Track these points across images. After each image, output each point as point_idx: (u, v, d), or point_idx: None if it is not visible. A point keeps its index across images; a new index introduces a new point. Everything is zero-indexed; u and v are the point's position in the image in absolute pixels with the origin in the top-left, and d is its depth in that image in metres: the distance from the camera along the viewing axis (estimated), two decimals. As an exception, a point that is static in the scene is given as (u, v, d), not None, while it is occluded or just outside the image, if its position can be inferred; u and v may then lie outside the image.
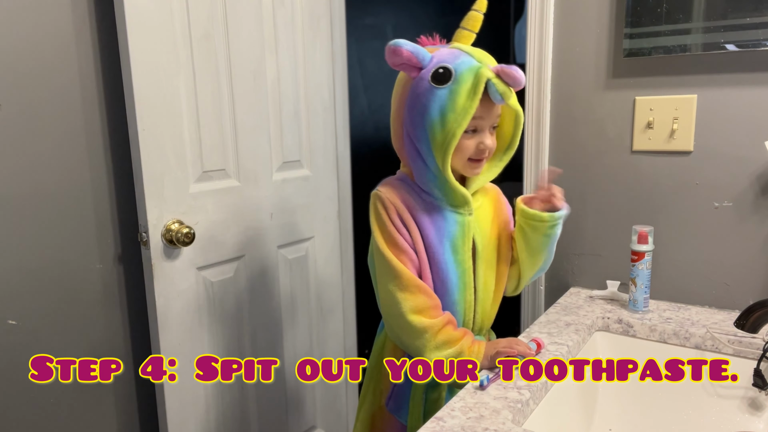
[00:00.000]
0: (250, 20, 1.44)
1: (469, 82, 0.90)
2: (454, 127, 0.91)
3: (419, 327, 0.94)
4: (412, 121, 0.95)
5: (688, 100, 1.21)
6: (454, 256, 1.00)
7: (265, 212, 1.55)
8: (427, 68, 0.93)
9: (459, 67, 0.91)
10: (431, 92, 0.91)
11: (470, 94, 0.90)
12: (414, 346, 0.97)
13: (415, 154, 0.97)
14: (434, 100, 0.91)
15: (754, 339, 1.06)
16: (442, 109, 0.91)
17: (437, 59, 0.93)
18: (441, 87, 0.90)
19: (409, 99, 0.95)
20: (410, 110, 0.95)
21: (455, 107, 0.90)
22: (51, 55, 1.17)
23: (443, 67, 0.91)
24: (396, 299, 0.96)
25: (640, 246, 1.19)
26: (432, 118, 0.91)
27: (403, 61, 0.93)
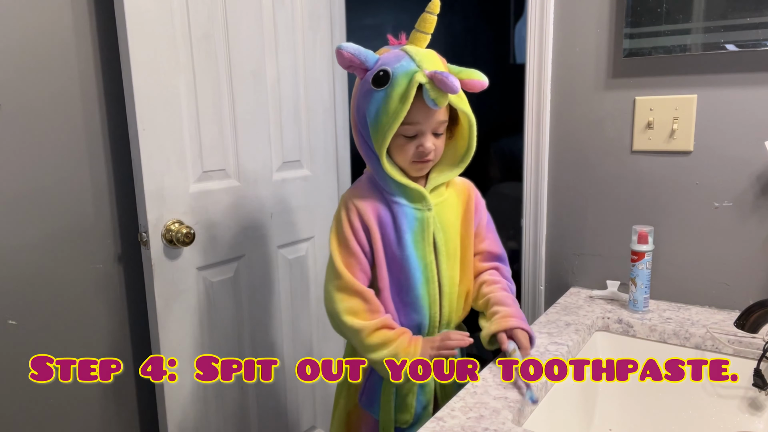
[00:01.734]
0: (250, 20, 1.44)
1: (402, 86, 0.91)
2: (386, 129, 0.94)
3: (353, 328, 0.99)
4: (359, 121, 0.99)
5: (688, 100, 1.21)
6: (415, 251, 1.02)
7: (265, 212, 1.55)
8: (371, 70, 0.95)
9: (396, 70, 0.93)
10: (370, 94, 0.95)
11: (402, 98, 0.91)
12: (353, 344, 1.04)
13: (370, 152, 1.00)
14: (372, 102, 0.94)
15: (754, 339, 1.06)
16: (377, 112, 0.94)
17: (381, 62, 0.95)
18: (378, 90, 0.93)
19: (355, 99, 0.99)
20: (357, 111, 0.99)
21: (387, 110, 0.93)
22: (51, 55, 1.17)
23: (383, 70, 0.94)
24: (333, 298, 1.00)
25: (640, 246, 1.19)
26: (370, 119, 0.96)
27: (347, 63, 0.96)
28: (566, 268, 1.40)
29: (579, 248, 1.38)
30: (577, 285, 1.40)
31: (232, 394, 1.50)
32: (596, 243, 1.36)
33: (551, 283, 1.43)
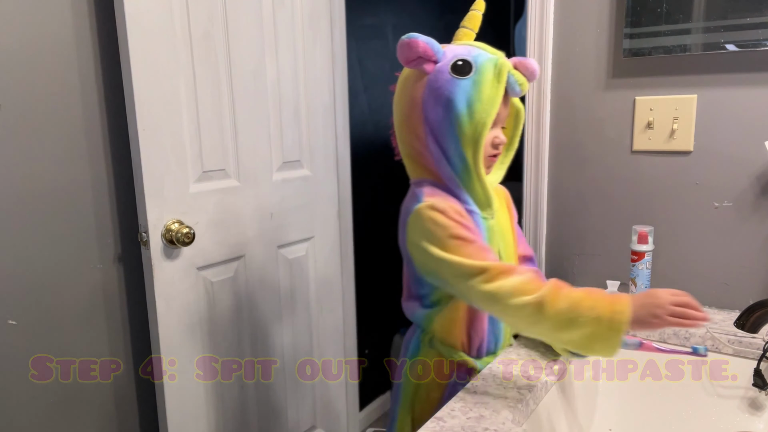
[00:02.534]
0: (250, 20, 1.44)
1: (490, 72, 0.88)
2: (483, 116, 0.87)
3: (529, 305, 0.81)
4: (436, 117, 0.90)
5: (688, 100, 1.21)
6: None
7: (265, 212, 1.55)
8: (442, 62, 0.89)
9: (477, 59, 0.89)
10: (454, 84, 0.88)
11: (494, 83, 0.88)
12: (539, 328, 0.83)
13: (440, 154, 0.92)
14: (458, 92, 0.87)
15: (754, 339, 1.06)
16: (469, 100, 0.87)
17: (451, 53, 0.90)
18: (464, 78, 0.87)
19: (427, 95, 0.90)
20: (432, 106, 0.90)
21: (482, 97, 0.87)
22: (51, 55, 1.17)
23: (462, 59, 0.89)
24: (492, 295, 0.83)
25: (640, 246, 1.19)
26: (459, 110, 0.87)
27: (418, 54, 0.88)
28: (566, 269, 1.40)
29: (579, 248, 1.38)
30: (577, 285, 1.39)
31: (232, 394, 1.50)
32: (596, 243, 1.36)
33: (551, 283, 1.43)
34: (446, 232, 0.87)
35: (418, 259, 0.92)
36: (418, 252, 0.90)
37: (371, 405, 2.47)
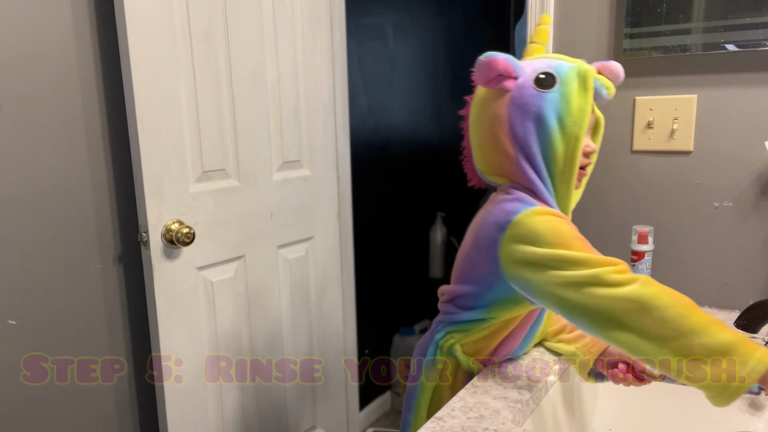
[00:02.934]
0: (250, 20, 1.44)
1: (575, 81, 0.85)
2: (575, 129, 0.83)
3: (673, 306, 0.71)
4: (525, 134, 0.85)
5: (688, 100, 1.21)
6: None
7: (265, 212, 1.55)
8: (523, 77, 0.86)
9: (559, 69, 0.86)
10: (541, 98, 0.84)
11: (581, 92, 0.84)
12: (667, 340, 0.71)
13: (532, 170, 0.87)
14: (547, 106, 0.84)
15: (754, 339, 1.06)
16: (559, 114, 0.84)
17: (530, 68, 0.87)
18: (549, 91, 0.84)
19: (513, 111, 0.86)
20: (520, 122, 0.86)
21: (571, 109, 0.84)
22: (51, 55, 1.17)
23: (543, 72, 0.85)
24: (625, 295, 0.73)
25: (640, 246, 1.19)
26: (550, 124, 0.84)
27: (498, 72, 0.84)
28: (566, 268, 1.40)
29: (579, 248, 1.38)
30: (577, 285, 1.40)
31: (232, 394, 1.50)
32: (596, 243, 1.36)
33: (551, 283, 1.43)
34: (573, 233, 0.81)
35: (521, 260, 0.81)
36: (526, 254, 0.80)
37: (371, 405, 2.47)
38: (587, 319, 0.76)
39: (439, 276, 2.76)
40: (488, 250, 0.85)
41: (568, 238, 0.79)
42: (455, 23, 2.73)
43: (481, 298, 0.90)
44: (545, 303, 0.81)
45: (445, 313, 0.97)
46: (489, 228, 0.86)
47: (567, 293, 0.77)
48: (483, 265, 0.87)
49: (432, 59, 2.65)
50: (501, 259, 0.84)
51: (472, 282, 0.91)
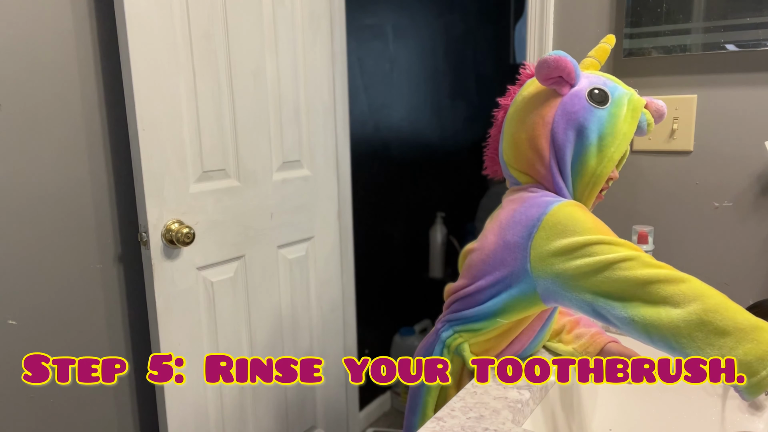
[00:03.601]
0: (250, 20, 1.44)
1: (625, 106, 0.86)
2: (612, 151, 0.85)
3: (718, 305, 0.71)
4: (564, 142, 0.87)
5: (688, 100, 1.21)
6: None
7: (265, 212, 1.55)
8: (578, 86, 0.88)
9: (613, 90, 0.87)
10: (590, 112, 0.85)
11: (629, 119, 0.86)
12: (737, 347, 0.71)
13: (560, 177, 0.89)
14: (593, 121, 0.85)
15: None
16: (601, 132, 0.85)
17: (586, 79, 0.88)
18: (600, 108, 0.86)
19: (560, 117, 0.87)
20: (563, 129, 0.87)
21: (615, 131, 0.85)
22: (51, 55, 1.17)
23: (598, 88, 0.87)
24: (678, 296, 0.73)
25: (640, 246, 1.19)
26: (590, 139, 0.85)
27: (560, 74, 0.85)
28: (566, 268, 1.40)
29: (579, 248, 1.38)
30: (577, 285, 1.40)
31: (233, 394, 1.50)
32: (596, 243, 1.36)
33: (551, 283, 1.43)
34: (600, 225, 0.82)
35: (557, 250, 0.81)
36: (562, 244, 0.80)
37: (371, 405, 2.47)
38: (616, 299, 0.76)
39: (439, 276, 2.76)
40: (518, 246, 0.84)
41: (602, 227, 0.81)
42: (455, 23, 2.73)
43: (496, 296, 0.89)
44: (574, 296, 0.80)
45: (452, 312, 0.96)
46: (520, 223, 0.85)
47: (601, 276, 0.76)
48: (509, 261, 0.86)
49: (432, 59, 2.65)
50: (531, 254, 0.83)
51: (489, 280, 0.89)
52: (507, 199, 0.93)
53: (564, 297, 0.81)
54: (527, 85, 0.93)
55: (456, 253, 2.87)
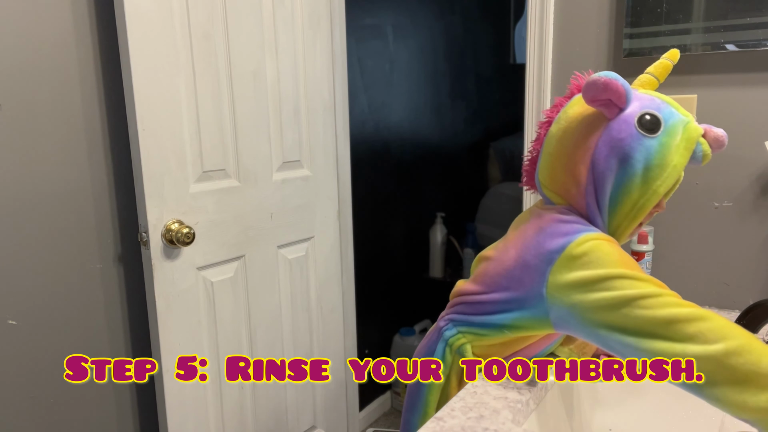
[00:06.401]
0: (250, 20, 1.44)
1: (679, 135, 0.79)
2: (658, 185, 0.79)
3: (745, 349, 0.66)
4: (606, 170, 0.81)
5: (688, 100, 1.21)
6: None
7: (265, 212, 1.55)
8: (628, 110, 0.81)
9: (668, 117, 0.80)
10: (638, 141, 0.79)
11: (682, 150, 0.79)
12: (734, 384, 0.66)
13: (596, 206, 0.83)
14: (640, 151, 0.78)
15: (754, 339, 1.06)
16: (648, 162, 0.78)
17: (640, 103, 0.81)
18: (650, 136, 0.79)
19: (604, 142, 0.81)
20: (606, 156, 0.80)
21: (664, 162, 0.78)
22: (51, 55, 1.17)
23: (650, 113, 0.80)
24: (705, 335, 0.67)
25: (640, 246, 1.19)
26: (635, 169, 0.79)
27: (611, 97, 0.79)
28: (566, 268, 1.40)
29: (579, 248, 1.38)
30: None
31: (232, 394, 1.50)
32: (596, 243, 1.36)
33: (551, 283, 1.43)
34: (627, 259, 0.76)
35: (574, 282, 0.76)
36: (580, 275, 0.76)
37: (371, 405, 2.47)
38: (631, 334, 0.71)
39: (439, 276, 2.76)
40: (536, 270, 0.80)
41: (629, 262, 0.75)
42: (455, 23, 2.73)
43: (507, 311, 0.85)
44: (588, 329, 0.76)
45: (458, 313, 0.93)
46: (543, 247, 0.81)
47: (619, 312, 0.72)
48: (525, 282, 0.82)
49: (432, 59, 2.65)
50: (549, 280, 0.79)
51: (504, 296, 0.86)
52: (537, 211, 0.88)
53: (576, 328, 0.78)
54: (573, 102, 0.87)
55: (456, 253, 2.87)
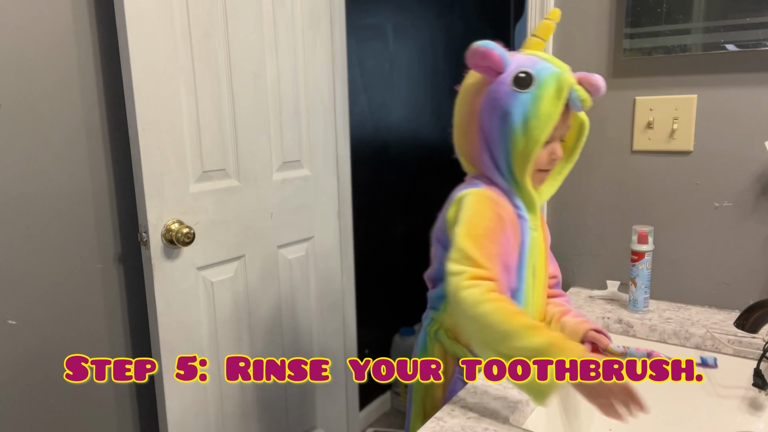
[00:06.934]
0: (250, 20, 1.44)
1: (552, 87, 0.86)
2: (537, 134, 0.86)
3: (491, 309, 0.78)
4: (491, 125, 0.90)
5: (688, 100, 1.21)
6: (525, 273, 0.94)
7: (265, 212, 1.55)
8: (506, 72, 0.88)
9: (540, 72, 0.87)
10: (513, 97, 0.87)
11: (554, 99, 0.86)
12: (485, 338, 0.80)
13: (491, 163, 0.92)
14: (516, 106, 0.87)
15: (754, 339, 1.06)
16: (525, 115, 0.86)
17: (516, 64, 0.89)
18: (523, 92, 0.86)
19: (486, 104, 0.90)
20: (489, 116, 0.90)
21: (539, 113, 0.86)
22: (51, 55, 1.17)
23: (524, 71, 0.87)
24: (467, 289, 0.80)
25: (640, 246, 1.19)
26: (514, 124, 0.87)
27: (489, 63, 0.87)
28: (566, 268, 1.40)
29: (579, 248, 1.38)
30: (577, 285, 1.40)
31: (233, 394, 1.50)
32: (596, 243, 1.36)
33: (551, 283, 1.43)
34: (488, 226, 0.87)
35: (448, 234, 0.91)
36: (450, 227, 0.90)
37: (371, 405, 2.47)
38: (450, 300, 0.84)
39: (439, 276, 2.75)
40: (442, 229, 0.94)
41: (478, 223, 0.86)
42: (455, 23, 2.73)
43: (441, 279, 0.94)
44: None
45: (431, 298, 1.02)
46: (448, 202, 0.94)
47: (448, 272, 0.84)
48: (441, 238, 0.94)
49: (432, 59, 2.65)
50: (447, 225, 0.92)
51: (436, 260, 0.97)
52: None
53: None
54: (469, 74, 0.95)
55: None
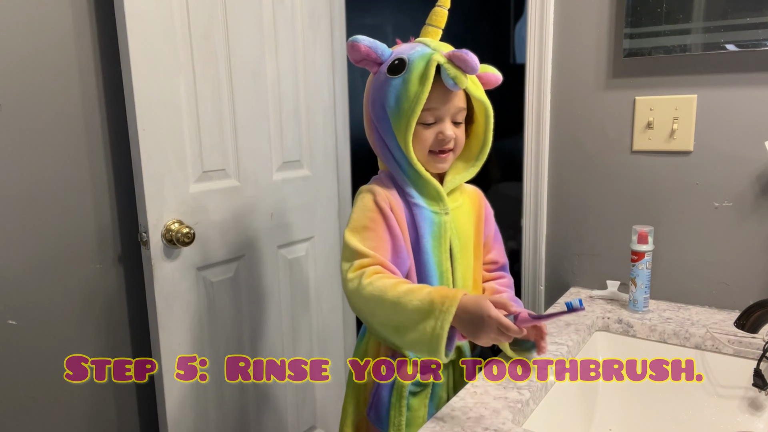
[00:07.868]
0: (250, 20, 1.44)
1: (420, 68, 0.90)
2: (409, 114, 0.91)
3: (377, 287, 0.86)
4: (376, 116, 0.96)
5: (688, 100, 1.21)
6: (432, 256, 0.98)
7: (265, 212, 1.55)
8: (385, 63, 0.95)
9: (412, 56, 0.92)
10: (387, 83, 0.93)
11: (421, 79, 0.90)
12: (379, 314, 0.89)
13: (386, 149, 0.98)
14: (389, 91, 0.92)
15: (754, 339, 1.06)
16: (398, 98, 0.91)
17: (395, 53, 0.95)
18: (395, 77, 0.92)
19: (370, 96, 0.97)
20: (373, 105, 0.96)
21: (408, 94, 0.91)
22: (51, 55, 1.17)
23: (398, 58, 0.93)
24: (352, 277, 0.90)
25: (640, 246, 1.19)
26: (390, 108, 0.93)
27: (362, 56, 0.94)
28: (566, 268, 1.40)
29: (579, 248, 1.38)
30: (577, 285, 1.40)
31: (232, 394, 1.50)
32: (596, 243, 1.36)
33: (551, 283, 1.43)
34: (367, 216, 0.94)
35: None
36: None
37: (371, 405, 2.46)
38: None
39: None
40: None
41: (360, 218, 0.94)
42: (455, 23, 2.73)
43: None
44: None
45: None
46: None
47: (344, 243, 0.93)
48: None
49: (432, 59, 2.64)
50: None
51: None
52: None
53: None
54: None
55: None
